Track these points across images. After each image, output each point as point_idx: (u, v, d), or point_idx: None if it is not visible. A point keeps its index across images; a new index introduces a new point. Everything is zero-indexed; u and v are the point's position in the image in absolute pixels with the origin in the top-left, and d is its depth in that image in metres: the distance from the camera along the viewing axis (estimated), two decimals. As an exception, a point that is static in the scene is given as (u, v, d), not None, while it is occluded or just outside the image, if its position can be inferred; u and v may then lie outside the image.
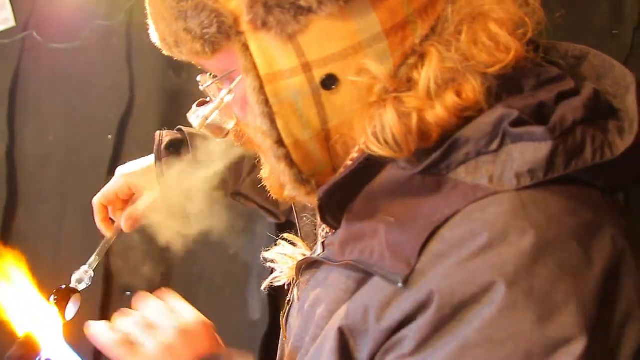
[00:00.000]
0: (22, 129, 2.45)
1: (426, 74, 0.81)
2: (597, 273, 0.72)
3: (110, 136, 2.29)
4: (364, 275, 0.83)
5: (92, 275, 1.30)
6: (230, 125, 0.99)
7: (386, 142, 0.81)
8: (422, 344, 0.73)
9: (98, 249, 1.33)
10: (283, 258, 1.11)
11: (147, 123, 2.28)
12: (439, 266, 0.75)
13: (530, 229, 0.72)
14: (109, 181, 1.35)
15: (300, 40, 0.84)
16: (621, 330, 0.72)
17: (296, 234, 1.16)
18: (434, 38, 0.83)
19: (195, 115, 0.98)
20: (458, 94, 0.79)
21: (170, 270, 2.23)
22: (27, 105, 2.45)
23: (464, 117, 0.80)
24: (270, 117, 0.87)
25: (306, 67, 0.85)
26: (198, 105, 1.00)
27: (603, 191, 0.80)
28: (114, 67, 2.32)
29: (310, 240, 1.12)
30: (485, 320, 0.70)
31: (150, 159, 1.38)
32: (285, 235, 1.15)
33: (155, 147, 1.37)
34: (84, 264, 1.30)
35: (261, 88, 0.86)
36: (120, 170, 1.39)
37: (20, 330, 1.13)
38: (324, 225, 1.01)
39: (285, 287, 1.11)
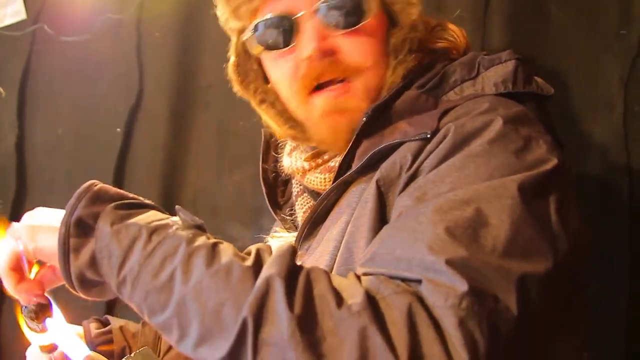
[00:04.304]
0: (32, 121, 2.46)
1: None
2: (547, 145, 1.01)
3: (119, 129, 2.30)
4: (376, 171, 1.07)
5: None
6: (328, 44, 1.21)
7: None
8: (437, 164, 0.98)
9: None
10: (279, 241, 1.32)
11: (156, 116, 2.29)
12: (454, 120, 1.04)
13: (514, 107, 1.07)
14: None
15: None
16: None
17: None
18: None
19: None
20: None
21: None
22: (37, 98, 2.46)
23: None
24: None
25: None
26: None
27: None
28: (123, 61, 2.33)
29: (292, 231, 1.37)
30: (485, 140, 0.98)
31: None
32: (275, 232, 1.39)
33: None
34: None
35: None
36: None
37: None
38: (302, 210, 1.33)
39: None
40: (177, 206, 1.01)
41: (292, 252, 0.88)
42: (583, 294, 1.02)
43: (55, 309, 1.16)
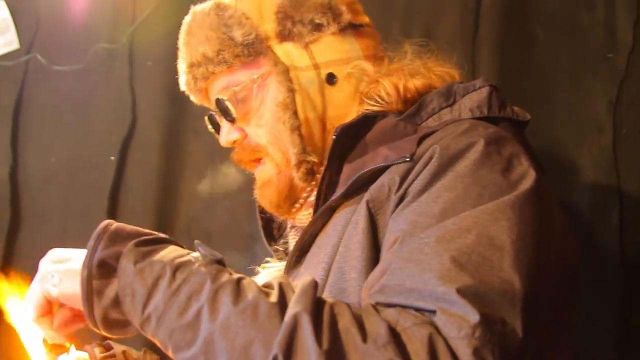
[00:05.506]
0: (25, 151, 2.46)
1: (400, 69, 1.27)
2: (528, 162, 1.04)
3: (112, 157, 2.31)
4: (361, 194, 1.10)
5: None
6: (234, 135, 1.32)
7: (379, 100, 1.23)
8: (426, 186, 1.00)
9: None
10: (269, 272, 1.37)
11: (149, 145, 2.30)
12: (436, 142, 1.05)
13: (491, 127, 1.10)
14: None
15: (312, 48, 1.28)
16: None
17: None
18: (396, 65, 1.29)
19: (224, 92, 1.29)
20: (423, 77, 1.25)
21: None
22: (31, 127, 2.46)
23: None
24: (292, 93, 1.26)
25: (315, 67, 1.28)
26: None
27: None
28: (116, 90, 2.34)
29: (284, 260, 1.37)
30: (471, 161, 1.01)
31: None
32: (265, 263, 1.43)
33: None
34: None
35: (287, 72, 1.26)
36: None
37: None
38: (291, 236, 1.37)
39: None
40: (196, 241, 1.02)
41: (315, 286, 0.91)
42: (572, 306, 1.06)
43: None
